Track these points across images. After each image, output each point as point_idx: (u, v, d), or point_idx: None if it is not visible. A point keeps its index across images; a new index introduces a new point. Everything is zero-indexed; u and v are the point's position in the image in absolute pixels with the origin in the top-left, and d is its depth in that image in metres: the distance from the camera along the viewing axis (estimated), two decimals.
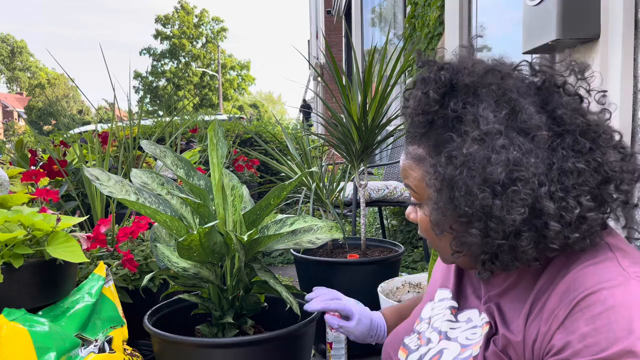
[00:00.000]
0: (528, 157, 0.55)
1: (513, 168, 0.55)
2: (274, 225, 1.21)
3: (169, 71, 28.50)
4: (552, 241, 0.56)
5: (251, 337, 1.08)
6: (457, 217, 0.59)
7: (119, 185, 1.11)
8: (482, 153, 0.56)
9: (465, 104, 0.60)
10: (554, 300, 0.56)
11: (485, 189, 0.56)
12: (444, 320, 0.72)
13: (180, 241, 1.00)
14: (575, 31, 1.33)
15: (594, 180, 0.56)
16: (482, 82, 0.61)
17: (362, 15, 6.44)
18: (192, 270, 1.10)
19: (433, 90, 0.62)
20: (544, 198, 0.55)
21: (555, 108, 0.59)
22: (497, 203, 0.55)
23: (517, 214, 0.55)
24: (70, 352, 0.98)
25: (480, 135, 0.57)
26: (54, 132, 3.28)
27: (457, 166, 0.58)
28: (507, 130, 0.57)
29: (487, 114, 0.58)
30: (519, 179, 0.55)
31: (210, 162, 1.20)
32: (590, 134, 0.58)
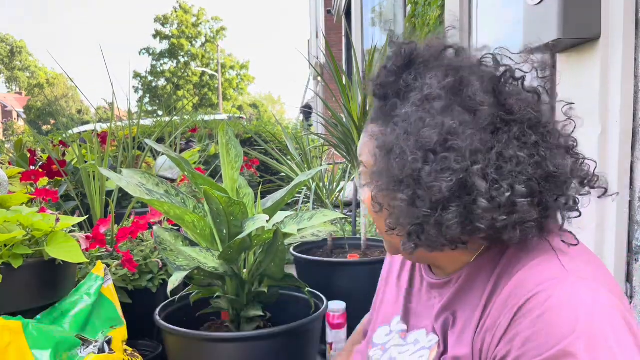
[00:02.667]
0: (464, 128, 0.55)
1: (447, 136, 0.55)
2: (291, 221, 1.23)
3: (168, 71, 28.49)
4: (479, 220, 0.55)
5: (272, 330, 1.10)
6: (390, 186, 0.59)
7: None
8: (418, 114, 0.57)
9: (417, 75, 0.61)
10: (498, 308, 0.56)
11: (416, 152, 0.56)
12: (393, 345, 0.71)
13: (230, 244, 1.04)
14: (576, 31, 1.32)
15: (533, 172, 0.56)
16: (437, 56, 0.62)
17: (362, 14, 6.44)
18: (221, 268, 1.11)
19: (392, 62, 0.63)
20: (475, 175, 0.54)
21: (507, 97, 0.59)
22: (427, 169, 0.55)
23: (445, 182, 0.54)
24: (70, 352, 0.98)
25: (421, 99, 0.57)
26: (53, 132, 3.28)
27: (395, 132, 0.58)
28: (448, 100, 0.57)
29: (432, 82, 0.58)
30: (452, 148, 0.55)
31: (222, 164, 1.22)
32: (539, 128, 0.58)
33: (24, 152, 2.22)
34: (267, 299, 1.23)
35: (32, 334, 0.93)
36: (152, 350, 1.38)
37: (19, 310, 0.99)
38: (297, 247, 1.86)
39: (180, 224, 1.13)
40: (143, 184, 1.16)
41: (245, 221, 1.09)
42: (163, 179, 1.26)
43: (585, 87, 1.32)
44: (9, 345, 0.90)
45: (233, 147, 1.24)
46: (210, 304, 1.23)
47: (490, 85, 0.59)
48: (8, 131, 30.59)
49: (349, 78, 1.75)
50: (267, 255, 1.15)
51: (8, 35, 34.62)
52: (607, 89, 1.27)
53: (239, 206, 1.07)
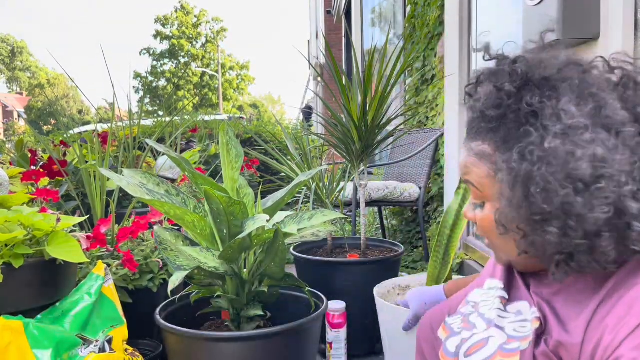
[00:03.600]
0: (613, 153, 0.53)
1: (598, 164, 0.53)
2: (291, 221, 1.24)
3: (168, 71, 28.50)
4: (634, 243, 0.54)
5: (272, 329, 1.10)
6: (529, 215, 0.57)
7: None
8: (565, 148, 0.54)
9: (543, 97, 0.57)
10: (623, 308, 0.54)
11: (567, 185, 0.53)
12: (493, 308, 0.70)
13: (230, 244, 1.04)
14: (576, 31, 1.33)
15: None
16: (561, 76, 0.58)
17: (362, 15, 6.44)
18: (221, 268, 1.12)
19: (508, 82, 0.59)
20: (627, 197, 0.53)
21: (636, 105, 0.57)
22: (580, 200, 0.53)
23: (601, 213, 0.53)
24: (71, 352, 0.98)
25: (564, 130, 0.54)
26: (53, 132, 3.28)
27: (534, 162, 0.55)
28: (592, 124, 0.54)
29: (570, 107, 0.55)
30: (604, 176, 0.52)
31: (222, 163, 1.22)
32: None
33: (25, 152, 2.22)
34: (267, 298, 1.23)
35: (33, 333, 0.93)
36: (152, 349, 1.38)
37: (19, 309, 0.99)
38: (297, 247, 1.86)
39: (181, 224, 1.13)
40: (144, 184, 1.16)
41: (246, 221, 1.09)
42: (164, 179, 1.26)
43: None
44: (10, 344, 0.91)
45: (233, 147, 1.24)
46: (211, 304, 1.23)
47: (618, 97, 0.58)
48: (9, 131, 30.60)
49: (349, 78, 1.75)
50: (267, 255, 1.15)
51: (9, 35, 34.64)
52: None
53: (239, 206, 1.07)
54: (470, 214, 0.69)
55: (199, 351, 1.09)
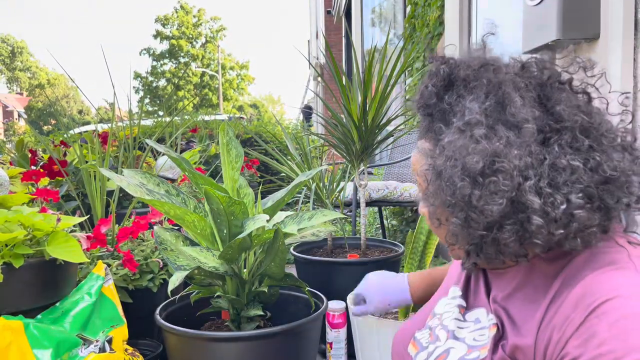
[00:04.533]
0: (510, 148, 0.55)
1: (493, 159, 0.55)
2: (290, 221, 1.25)
3: (168, 71, 28.49)
4: (535, 236, 0.55)
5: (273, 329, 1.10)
6: (444, 207, 0.60)
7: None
8: (461, 142, 0.57)
9: (459, 97, 0.61)
10: (569, 305, 0.55)
11: (464, 178, 0.56)
12: (452, 318, 0.71)
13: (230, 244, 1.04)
14: (575, 31, 1.33)
15: (589, 179, 0.55)
16: (476, 75, 0.61)
17: (362, 15, 6.44)
18: (221, 268, 1.12)
19: (432, 84, 0.63)
20: (528, 192, 0.54)
21: (554, 105, 0.58)
22: (476, 193, 0.55)
23: (496, 205, 0.54)
24: (71, 352, 0.98)
25: (462, 125, 0.58)
26: (53, 132, 3.28)
27: (442, 156, 0.59)
28: (491, 121, 0.57)
29: (473, 105, 0.58)
30: (499, 170, 0.54)
31: (222, 163, 1.23)
32: (592, 132, 0.57)
33: (25, 152, 2.22)
34: (267, 298, 1.23)
35: (33, 333, 0.93)
36: (152, 349, 1.38)
37: (20, 309, 0.99)
38: (297, 247, 1.86)
39: (181, 224, 1.13)
40: (144, 184, 1.16)
41: (246, 221, 1.09)
42: (164, 179, 1.26)
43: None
44: (10, 344, 0.91)
45: (234, 147, 1.25)
46: (211, 304, 1.23)
47: (536, 93, 0.59)
48: (9, 131, 30.60)
49: (348, 78, 1.75)
50: (267, 255, 1.16)
51: (9, 35, 34.63)
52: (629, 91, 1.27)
53: (239, 206, 1.07)
54: (422, 209, 0.71)
55: (200, 351, 1.09)
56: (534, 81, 0.60)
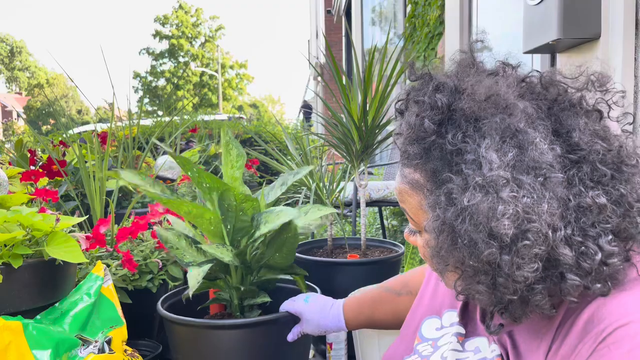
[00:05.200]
0: (539, 204, 0.48)
1: (522, 221, 0.48)
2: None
3: (168, 71, 28.49)
4: (570, 293, 0.49)
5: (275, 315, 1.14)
6: (461, 265, 0.53)
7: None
8: (486, 205, 0.48)
9: (465, 136, 0.52)
10: (576, 334, 0.50)
11: (491, 243, 0.49)
12: (450, 349, 0.65)
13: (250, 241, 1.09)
14: (576, 31, 1.33)
15: (616, 215, 0.49)
16: (484, 111, 0.52)
17: (362, 14, 6.44)
18: (235, 261, 1.15)
19: (428, 118, 0.54)
20: (559, 245, 0.48)
21: (570, 131, 0.52)
22: (506, 259, 0.49)
23: (529, 271, 0.48)
24: (70, 353, 0.98)
25: (484, 183, 0.49)
26: (52, 132, 3.28)
27: (458, 213, 0.51)
28: (515, 174, 0.49)
29: (491, 155, 0.50)
30: (530, 231, 0.48)
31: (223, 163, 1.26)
32: (612, 159, 0.51)
33: (24, 152, 2.22)
34: (266, 287, 1.27)
35: (32, 334, 0.93)
36: (152, 350, 1.38)
37: (18, 310, 0.99)
38: (297, 247, 1.85)
39: (198, 223, 1.15)
40: (139, 185, 1.18)
41: (259, 215, 1.13)
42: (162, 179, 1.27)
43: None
44: (9, 345, 0.90)
45: (234, 147, 1.26)
46: (209, 296, 1.26)
47: (549, 121, 0.52)
48: (8, 131, 30.57)
49: (349, 78, 1.75)
50: (271, 246, 1.18)
51: (8, 35, 34.60)
52: None
53: (251, 202, 1.11)
54: (411, 238, 0.65)
55: (204, 339, 1.12)
56: (543, 105, 0.54)
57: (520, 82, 0.56)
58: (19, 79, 35.23)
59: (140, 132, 2.51)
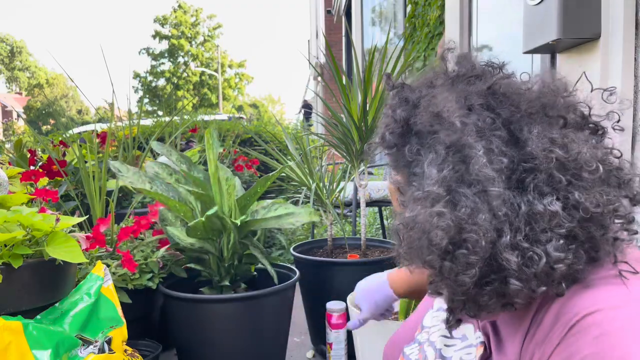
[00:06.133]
0: (477, 214, 0.50)
1: (458, 230, 0.50)
2: (262, 210, 1.48)
3: (167, 71, 28.48)
4: (516, 296, 0.52)
5: (239, 294, 1.41)
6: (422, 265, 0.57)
7: (136, 176, 1.40)
8: (422, 217, 0.52)
9: (419, 150, 0.56)
10: (548, 322, 0.52)
11: (433, 250, 0.52)
12: (439, 335, 0.68)
13: (190, 225, 1.32)
14: (576, 31, 1.32)
15: (571, 220, 0.50)
16: (433, 127, 0.55)
17: (363, 14, 6.44)
18: (197, 245, 1.40)
19: (390, 131, 0.59)
20: (503, 250, 0.50)
21: (526, 139, 0.53)
22: (447, 264, 0.52)
23: (468, 277, 0.51)
24: (70, 353, 0.98)
25: (422, 196, 0.53)
26: (52, 132, 3.27)
27: (407, 221, 0.54)
28: (455, 187, 0.52)
29: (431, 170, 0.53)
30: (466, 240, 0.50)
31: (208, 159, 1.46)
32: (569, 166, 0.52)
33: (24, 152, 2.22)
34: (242, 273, 1.51)
35: (32, 334, 0.93)
36: (152, 350, 1.38)
37: (19, 310, 0.99)
38: (297, 247, 1.85)
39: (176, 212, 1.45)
40: (158, 173, 1.47)
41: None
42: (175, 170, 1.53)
43: (585, 87, 1.32)
44: (9, 345, 0.90)
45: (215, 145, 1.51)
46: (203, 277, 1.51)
47: (506, 130, 0.54)
48: (8, 131, 30.56)
49: (349, 78, 1.75)
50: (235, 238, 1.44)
51: (8, 35, 34.59)
52: None
53: (207, 197, 1.41)
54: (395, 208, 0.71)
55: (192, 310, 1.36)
56: (503, 112, 0.55)
57: (484, 91, 0.57)
58: (19, 79, 35.22)
59: (140, 132, 2.51)
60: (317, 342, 1.75)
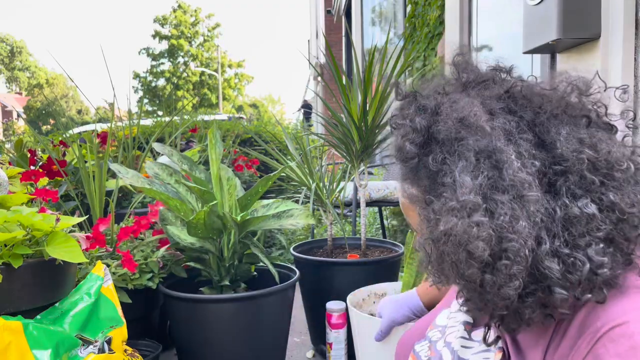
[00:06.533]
0: (516, 221, 0.48)
1: (499, 240, 0.48)
2: (262, 209, 1.48)
3: (167, 71, 28.48)
4: (560, 306, 0.50)
5: (239, 294, 1.41)
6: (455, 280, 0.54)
7: (136, 177, 1.42)
8: (460, 228, 0.49)
9: (445, 158, 0.53)
10: (573, 332, 0.50)
11: (472, 263, 0.49)
12: (457, 336, 0.67)
13: (189, 221, 1.32)
14: (576, 31, 1.33)
15: (608, 222, 0.49)
16: (459, 133, 0.52)
17: (362, 14, 6.44)
18: (197, 244, 1.41)
19: (410, 141, 0.56)
20: (544, 259, 0.48)
21: (554, 141, 0.51)
22: (488, 278, 0.49)
23: (511, 289, 0.49)
24: (70, 352, 0.98)
25: (457, 206, 0.50)
26: (52, 132, 3.27)
27: (439, 235, 0.52)
28: (490, 194, 0.49)
29: (464, 178, 0.50)
30: (508, 250, 0.48)
31: (210, 158, 1.46)
32: (601, 166, 0.50)
33: (24, 152, 2.22)
34: (242, 272, 1.51)
35: (32, 334, 0.93)
36: (152, 350, 1.38)
37: (19, 310, 0.99)
38: (297, 247, 1.85)
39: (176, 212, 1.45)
40: (158, 174, 1.47)
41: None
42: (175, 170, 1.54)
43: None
44: (9, 345, 0.90)
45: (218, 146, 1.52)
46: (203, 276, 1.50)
47: (532, 133, 0.52)
48: (8, 131, 30.55)
49: (349, 78, 1.75)
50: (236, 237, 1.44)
51: (8, 35, 34.59)
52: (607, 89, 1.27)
53: (209, 195, 1.41)
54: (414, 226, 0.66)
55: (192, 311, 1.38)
56: (527, 116, 0.53)
57: (502, 95, 0.56)
58: (19, 79, 35.21)
59: (140, 132, 2.50)
60: (317, 342, 1.75)
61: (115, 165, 1.43)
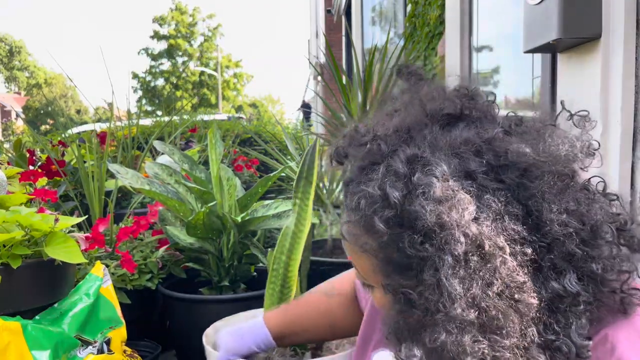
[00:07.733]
0: (512, 331, 0.44)
1: (493, 357, 0.44)
2: (262, 209, 1.49)
3: (167, 71, 28.48)
4: None
5: (239, 295, 1.43)
6: None
7: (135, 178, 1.42)
8: (452, 346, 0.44)
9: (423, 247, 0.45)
10: None
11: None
12: None
13: (188, 221, 1.32)
14: (576, 31, 1.32)
15: (590, 293, 0.47)
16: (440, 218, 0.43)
17: (363, 14, 6.44)
18: (197, 244, 1.41)
19: (379, 217, 0.46)
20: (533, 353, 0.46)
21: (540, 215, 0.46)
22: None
23: None
24: (69, 353, 0.98)
25: (445, 320, 0.44)
26: (51, 132, 3.26)
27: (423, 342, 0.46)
28: (482, 306, 0.44)
29: (452, 284, 0.43)
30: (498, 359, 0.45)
31: (210, 158, 1.46)
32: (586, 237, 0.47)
33: (23, 152, 2.21)
34: (242, 273, 1.52)
35: (31, 334, 0.93)
36: (151, 350, 1.38)
37: (17, 310, 0.99)
38: None
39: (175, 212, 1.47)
40: (158, 174, 1.48)
41: None
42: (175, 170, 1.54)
43: (586, 87, 1.32)
44: (8, 345, 0.90)
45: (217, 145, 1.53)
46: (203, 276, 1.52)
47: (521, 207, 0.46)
48: (7, 131, 30.54)
49: (349, 77, 1.75)
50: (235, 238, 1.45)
51: (7, 35, 34.56)
52: (608, 89, 1.27)
53: (209, 195, 1.43)
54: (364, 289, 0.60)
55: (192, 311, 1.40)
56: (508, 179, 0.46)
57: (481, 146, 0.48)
58: (17, 79, 35.17)
59: (139, 132, 2.50)
60: None
61: (114, 166, 1.43)
